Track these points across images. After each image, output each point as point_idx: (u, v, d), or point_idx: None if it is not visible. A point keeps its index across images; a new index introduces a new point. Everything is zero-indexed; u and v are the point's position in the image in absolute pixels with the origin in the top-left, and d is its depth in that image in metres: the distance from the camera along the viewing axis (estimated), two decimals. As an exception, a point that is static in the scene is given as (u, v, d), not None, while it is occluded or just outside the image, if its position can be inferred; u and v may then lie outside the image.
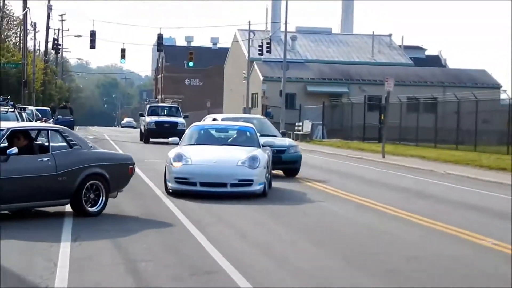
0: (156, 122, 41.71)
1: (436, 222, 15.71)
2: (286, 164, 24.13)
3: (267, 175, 19.07)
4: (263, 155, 19.19)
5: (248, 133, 21.21)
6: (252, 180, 18.05)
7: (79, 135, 16.71)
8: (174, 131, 41.87)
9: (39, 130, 15.55)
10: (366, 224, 15.89)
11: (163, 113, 47.30)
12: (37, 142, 14.91)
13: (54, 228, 13.23)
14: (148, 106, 50.56)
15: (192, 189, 17.70)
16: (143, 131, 47.22)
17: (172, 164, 18.48)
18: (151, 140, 46.57)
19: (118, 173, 15.03)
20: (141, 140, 47.32)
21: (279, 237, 13.90)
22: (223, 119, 25.69)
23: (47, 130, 15.27)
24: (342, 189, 22.07)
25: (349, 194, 20.80)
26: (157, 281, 9.86)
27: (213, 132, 21.86)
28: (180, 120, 48.43)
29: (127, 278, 9.98)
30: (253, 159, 18.37)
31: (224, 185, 17.85)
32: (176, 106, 50.38)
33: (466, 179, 27.33)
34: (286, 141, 25.67)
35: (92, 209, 14.34)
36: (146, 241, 12.76)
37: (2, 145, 14.04)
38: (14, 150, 13.88)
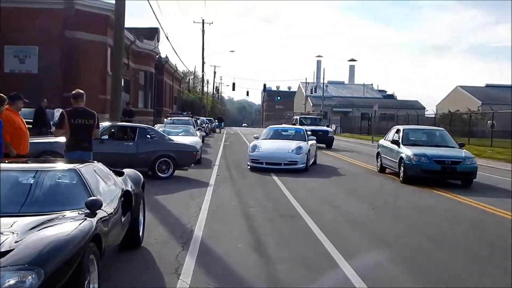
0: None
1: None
2: (460, 175, 12.49)
3: (308, 158, 14.94)
4: (306, 146, 15.11)
5: (301, 132, 16.86)
6: (297, 161, 14.34)
7: (159, 132, 13.06)
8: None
9: (131, 128, 12.57)
10: (354, 173, 13.17)
11: (307, 123, 30.26)
12: (150, 135, 12.13)
13: (204, 184, 11.12)
14: (297, 118, 32.52)
15: (260, 166, 14.19)
16: None
17: (250, 151, 14.92)
18: None
19: (184, 156, 12.04)
20: None
21: (318, 188, 11.41)
22: (404, 129, 14.75)
23: (136, 128, 12.36)
24: (352, 157, 19.29)
25: (354, 160, 18.02)
26: (258, 221, 7.54)
27: (280, 131, 17.40)
28: (325, 127, 30.25)
29: (240, 218, 7.73)
30: (299, 148, 14.64)
31: (279, 164, 14.18)
32: (319, 117, 34.15)
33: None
34: (462, 153, 13.00)
35: (162, 175, 11.64)
36: (254, 193, 10.45)
37: (104, 136, 11.56)
38: (105, 137, 11.65)
